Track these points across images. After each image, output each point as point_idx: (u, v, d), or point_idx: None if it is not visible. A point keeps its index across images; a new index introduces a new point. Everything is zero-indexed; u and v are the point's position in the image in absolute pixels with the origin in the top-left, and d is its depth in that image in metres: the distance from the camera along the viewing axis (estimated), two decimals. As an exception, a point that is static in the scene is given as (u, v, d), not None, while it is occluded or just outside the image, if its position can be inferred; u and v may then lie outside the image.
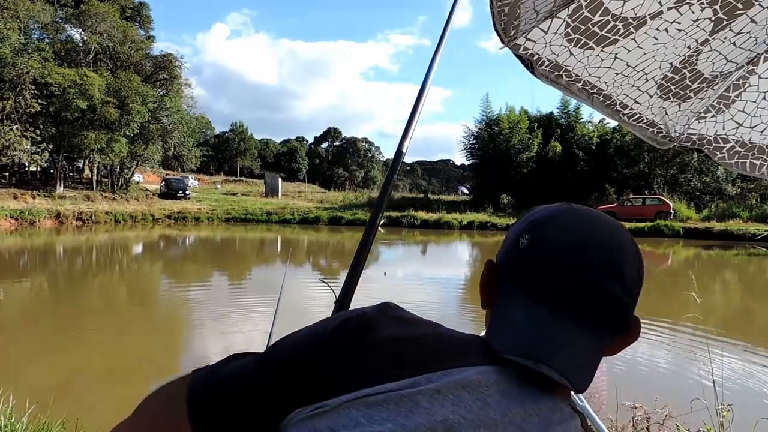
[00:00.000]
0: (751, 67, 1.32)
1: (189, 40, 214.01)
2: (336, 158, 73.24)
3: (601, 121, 34.73)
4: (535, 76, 1.38)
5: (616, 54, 1.28)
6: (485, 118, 35.68)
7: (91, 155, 28.26)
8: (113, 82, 27.92)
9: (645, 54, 1.28)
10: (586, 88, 1.41)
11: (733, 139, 1.47)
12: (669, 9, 1.15)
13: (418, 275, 12.63)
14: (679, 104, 1.43)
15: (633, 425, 2.94)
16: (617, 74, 1.35)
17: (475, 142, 35.88)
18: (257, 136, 74.53)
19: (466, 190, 42.85)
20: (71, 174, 31.89)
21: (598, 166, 31.93)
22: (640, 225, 22.49)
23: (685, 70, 1.32)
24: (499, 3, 1.18)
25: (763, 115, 1.38)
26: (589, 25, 1.21)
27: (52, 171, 28.68)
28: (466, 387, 0.48)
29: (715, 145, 1.51)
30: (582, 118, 35.20)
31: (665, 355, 5.99)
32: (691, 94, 1.39)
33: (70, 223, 23.17)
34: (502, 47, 1.30)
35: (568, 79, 1.38)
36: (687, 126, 1.51)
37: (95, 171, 31.02)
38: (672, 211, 24.34)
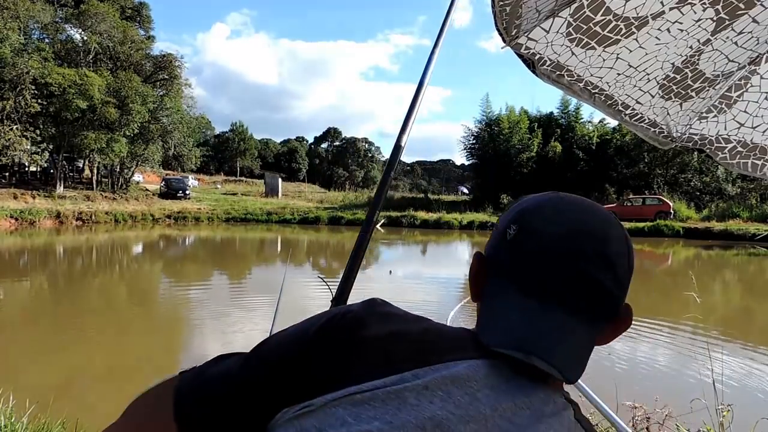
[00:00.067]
0: (753, 67, 1.31)
1: (189, 40, 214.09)
2: (336, 158, 73.27)
3: (601, 121, 34.82)
4: (537, 75, 1.37)
5: (618, 54, 1.28)
6: (485, 118, 35.78)
7: (91, 155, 28.27)
8: (113, 82, 27.93)
9: (647, 54, 1.27)
10: (588, 88, 1.40)
11: (735, 140, 1.47)
12: (671, 9, 1.15)
13: (418, 275, 12.64)
14: (681, 104, 1.43)
15: (633, 425, 2.93)
16: (619, 74, 1.35)
17: (475, 142, 35.94)
18: (257, 136, 74.79)
19: (466, 190, 42.89)
20: (71, 174, 31.90)
21: (598, 166, 31.99)
22: (640, 225, 22.50)
23: (687, 70, 1.32)
24: (501, 2, 1.17)
25: (765, 116, 1.38)
26: (591, 24, 1.21)
27: (52, 171, 28.69)
28: (455, 382, 0.47)
29: (716, 145, 1.51)
30: (582, 118, 35.32)
31: (665, 355, 5.99)
32: (693, 94, 1.39)
33: (70, 223, 23.17)
34: (503, 46, 1.30)
35: (569, 78, 1.38)
36: (689, 126, 1.50)
37: (95, 171, 31.03)
38: (672, 211, 24.36)
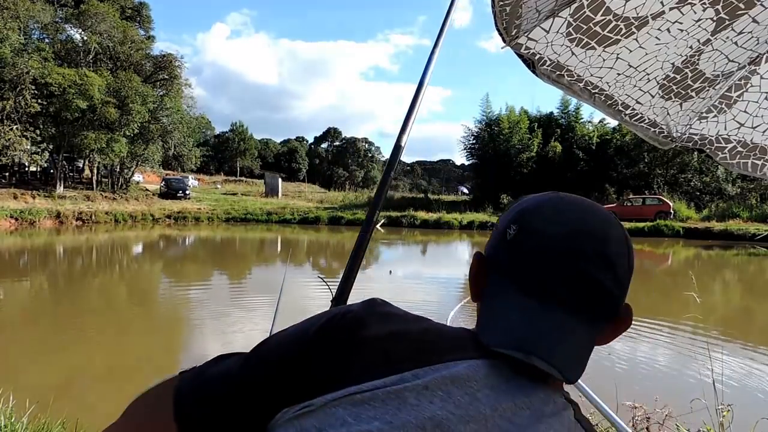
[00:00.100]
0: (753, 67, 1.31)
1: (189, 40, 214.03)
2: (336, 158, 73.27)
3: (601, 121, 34.83)
4: (537, 75, 1.37)
5: (618, 54, 1.28)
6: (485, 118, 35.78)
7: (91, 155, 28.27)
8: (113, 82, 27.93)
9: (647, 54, 1.27)
10: (588, 88, 1.40)
11: (735, 140, 1.47)
12: (671, 9, 1.15)
13: (418, 275, 12.64)
14: (681, 104, 1.43)
15: (633, 425, 2.93)
16: (619, 74, 1.35)
17: (475, 142, 35.95)
18: (257, 136, 74.80)
19: (466, 190, 42.90)
20: (71, 174, 31.91)
21: (598, 166, 31.99)
22: (640, 225, 22.50)
23: (687, 70, 1.32)
24: (501, 2, 1.17)
25: (765, 116, 1.38)
26: (591, 24, 1.21)
27: (52, 171, 28.69)
28: (454, 382, 0.47)
29: (716, 145, 1.51)
30: (582, 118, 35.33)
31: (665, 355, 5.99)
32: (693, 94, 1.39)
33: (70, 223, 23.17)
34: (503, 46, 1.30)
35: (569, 78, 1.38)
36: (689, 126, 1.50)
37: (95, 171, 31.02)
38: (672, 211, 24.35)
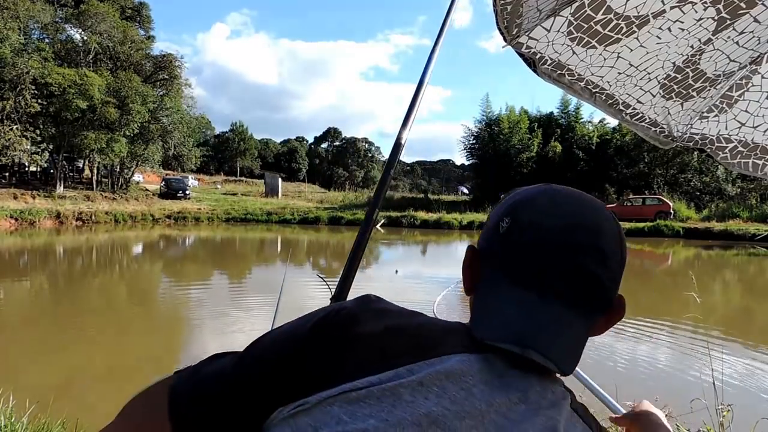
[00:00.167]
0: (754, 67, 1.31)
1: (189, 40, 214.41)
2: (336, 158, 73.26)
3: (601, 121, 34.84)
4: (538, 74, 1.37)
5: (619, 53, 1.28)
6: (485, 118, 35.79)
7: (91, 155, 28.27)
8: (113, 82, 27.93)
9: (648, 53, 1.27)
10: (589, 87, 1.40)
11: (736, 139, 1.47)
12: (672, 8, 1.15)
13: (419, 275, 12.63)
14: (682, 104, 1.42)
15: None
16: (620, 73, 1.34)
17: (475, 142, 35.95)
18: (257, 136, 74.86)
19: (466, 190, 42.88)
20: (71, 174, 31.91)
21: (598, 166, 32.00)
22: (640, 225, 22.49)
23: (688, 70, 1.31)
24: (502, 1, 1.17)
25: (766, 115, 1.38)
26: (592, 23, 1.21)
27: (52, 171, 28.69)
28: (449, 377, 0.47)
29: (717, 144, 1.51)
30: (582, 118, 35.33)
31: (665, 355, 5.99)
32: (694, 94, 1.38)
33: (70, 223, 23.16)
34: (504, 46, 1.29)
35: (570, 78, 1.38)
36: (689, 125, 1.50)
37: (95, 171, 31.02)
38: (672, 211, 24.34)
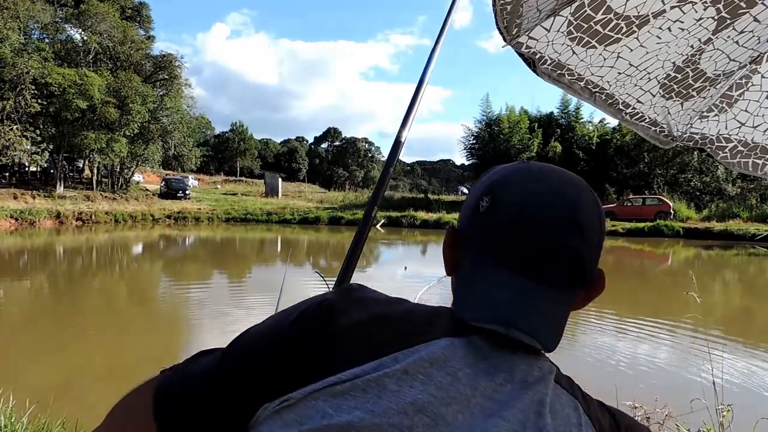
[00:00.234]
0: (754, 66, 1.31)
1: (189, 40, 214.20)
2: (336, 158, 73.25)
3: (601, 121, 34.83)
4: (537, 74, 1.37)
5: (619, 53, 1.28)
6: (485, 118, 35.79)
7: (91, 155, 28.25)
8: (113, 82, 27.91)
9: (648, 53, 1.27)
10: (589, 86, 1.40)
11: (736, 139, 1.47)
12: (672, 8, 1.15)
13: (419, 275, 12.64)
14: (682, 103, 1.42)
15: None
16: (620, 73, 1.34)
17: (475, 142, 35.95)
18: (257, 136, 74.83)
19: (466, 190, 42.85)
20: (71, 174, 31.89)
21: (598, 166, 31.98)
22: (640, 225, 22.48)
23: (688, 69, 1.31)
24: (502, 1, 1.17)
25: (766, 115, 1.38)
26: (592, 23, 1.21)
27: (52, 171, 28.67)
28: (434, 363, 0.46)
29: (717, 144, 1.51)
30: (582, 118, 35.32)
31: (665, 355, 5.99)
32: (694, 93, 1.38)
33: (70, 223, 23.15)
34: (504, 45, 1.29)
35: (570, 77, 1.38)
36: (689, 125, 1.50)
37: (95, 171, 31.01)
38: (672, 211, 24.32)
